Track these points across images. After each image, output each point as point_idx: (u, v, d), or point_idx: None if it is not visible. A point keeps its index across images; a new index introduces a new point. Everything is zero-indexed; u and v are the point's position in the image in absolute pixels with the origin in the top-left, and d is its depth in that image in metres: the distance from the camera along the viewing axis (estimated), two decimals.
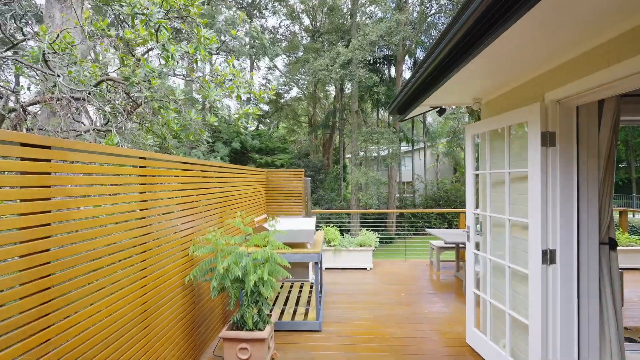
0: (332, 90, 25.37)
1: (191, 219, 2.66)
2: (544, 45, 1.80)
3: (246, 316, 2.50)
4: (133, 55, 3.24)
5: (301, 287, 4.49)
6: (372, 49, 12.55)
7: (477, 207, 3.13)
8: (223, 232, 2.94)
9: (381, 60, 21.09)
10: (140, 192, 2.00)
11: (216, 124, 3.57)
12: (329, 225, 5.91)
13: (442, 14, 19.32)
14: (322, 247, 3.75)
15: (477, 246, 3.00)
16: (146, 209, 2.04)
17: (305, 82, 24.05)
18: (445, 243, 4.61)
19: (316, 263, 3.38)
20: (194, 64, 4.08)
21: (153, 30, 2.68)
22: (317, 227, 5.12)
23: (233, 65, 3.52)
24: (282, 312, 3.64)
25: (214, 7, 13.22)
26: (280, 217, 3.94)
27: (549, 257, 2.09)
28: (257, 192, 4.77)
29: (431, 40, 20.92)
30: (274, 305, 3.82)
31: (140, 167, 2.03)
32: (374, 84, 17.93)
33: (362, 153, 18.38)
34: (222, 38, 12.46)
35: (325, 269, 5.57)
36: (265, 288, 2.53)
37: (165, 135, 3.40)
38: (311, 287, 4.43)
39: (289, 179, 5.45)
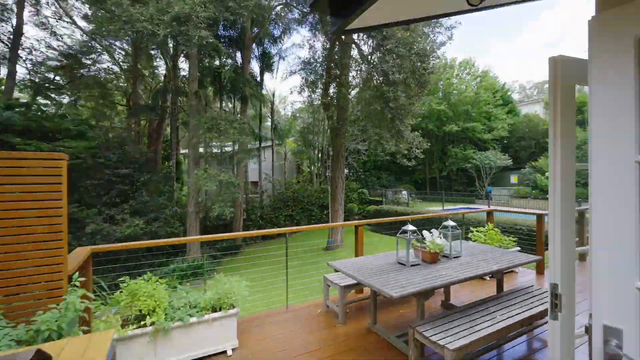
0: (162, 67, 20.17)
1: None
2: None
3: None
4: None
5: None
6: (218, 8, 9.55)
7: None
8: None
9: (226, 40, 18.13)
10: None
11: None
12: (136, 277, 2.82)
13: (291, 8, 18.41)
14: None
15: None
16: None
17: (123, 51, 17.93)
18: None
19: None
20: None
21: None
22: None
23: None
24: None
25: None
26: None
27: None
28: None
29: (280, 33, 19.77)
30: None
31: None
32: (221, 66, 14.86)
33: (205, 148, 14.84)
34: None
35: None
36: None
37: None
38: None
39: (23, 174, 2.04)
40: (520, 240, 9.42)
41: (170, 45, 16.45)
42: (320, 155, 22.60)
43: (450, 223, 3.35)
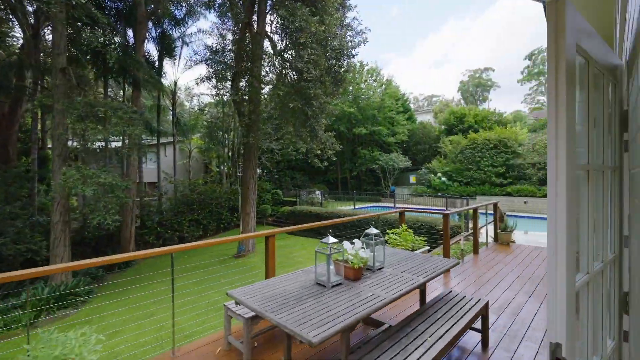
0: (18, 35, 15.70)
1: None
2: None
3: None
4: None
5: None
6: None
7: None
8: None
9: (113, 13, 15.11)
10: None
11: None
12: None
13: None
14: None
15: None
16: None
17: None
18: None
19: None
20: None
21: None
22: None
23: None
24: None
25: None
26: None
27: None
28: None
29: (184, 15, 17.53)
30: None
31: None
32: (104, 43, 12.18)
33: (79, 141, 11.89)
34: None
35: None
36: None
37: None
38: None
39: None
40: (424, 236, 10.10)
41: (30, 8, 12.85)
42: (230, 153, 20.99)
43: (373, 231, 2.95)
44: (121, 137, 13.16)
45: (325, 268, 2.54)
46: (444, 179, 20.93)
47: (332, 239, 2.55)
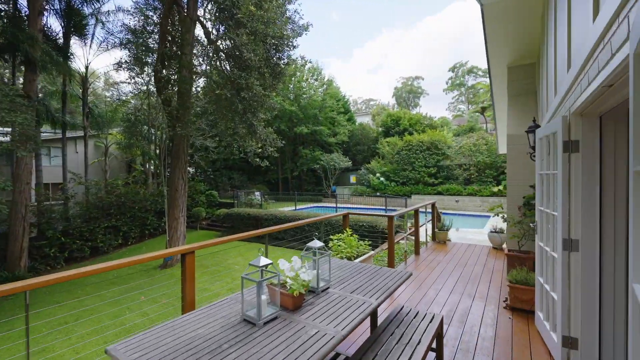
0: None
1: None
2: None
3: None
4: None
5: None
6: None
7: None
8: None
9: None
10: None
11: None
12: None
13: None
14: None
15: None
16: None
17: None
18: None
19: None
20: None
21: None
22: None
23: None
24: None
25: None
26: None
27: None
28: None
29: None
30: None
31: None
32: None
33: None
34: None
35: None
36: None
37: None
38: None
39: None
40: (367, 239, 9.98)
41: None
42: (158, 151, 18.76)
43: (317, 244, 2.42)
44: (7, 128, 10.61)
45: (256, 296, 1.92)
46: (382, 179, 21.63)
47: (263, 260, 1.94)
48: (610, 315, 2.42)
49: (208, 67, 11.39)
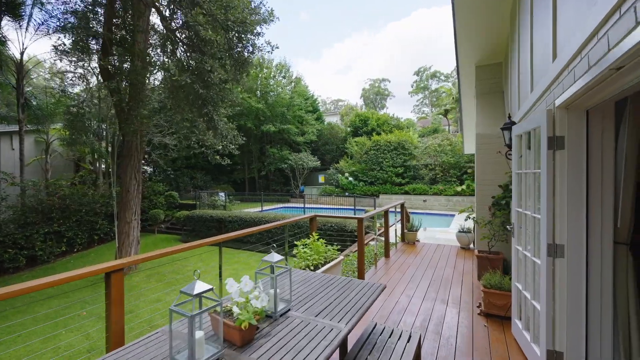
0: None
1: None
2: None
3: None
4: None
5: None
6: None
7: None
8: None
9: None
10: None
11: None
12: None
13: None
14: None
15: None
16: None
17: None
18: None
19: None
20: None
21: None
22: None
23: None
24: None
25: None
26: None
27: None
28: None
29: None
30: None
31: None
32: None
33: None
34: None
35: None
36: None
37: None
38: None
39: None
40: (336, 243, 9.67)
41: None
42: (110, 149, 17.17)
43: (275, 258, 1.98)
44: None
45: (188, 335, 1.44)
46: (350, 178, 21.55)
47: (201, 285, 1.47)
48: (597, 327, 2.23)
49: (166, 59, 10.45)
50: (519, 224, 3.06)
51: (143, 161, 20.35)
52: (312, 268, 3.96)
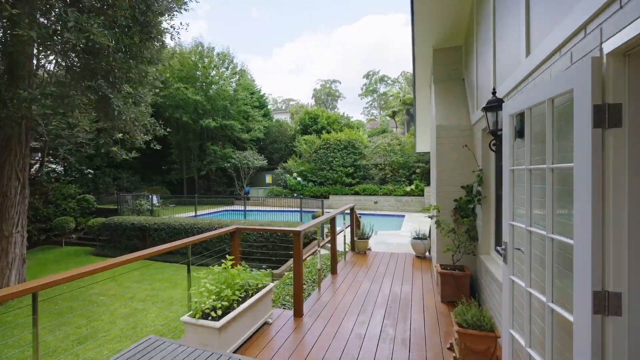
0: None
1: None
2: None
3: None
4: None
5: None
6: None
7: None
8: None
9: None
10: None
11: None
12: None
13: None
14: None
15: None
16: None
17: None
18: None
19: None
20: None
21: None
22: None
23: None
24: None
25: None
26: None
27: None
28: None
29: None
30: None
31: None
32: None
33: None
34: None
35: None
36: None
37: None
38: None
39: None
40: (276, 246, 8.32)
41: None
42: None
43: None
44: None
45: None
46: (299, 179, 20.40)
47: None
48: None
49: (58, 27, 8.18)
50: (516, 245, 2.11)
51: (51, 158, 16.94)
52: (218, 313, 2.65)
